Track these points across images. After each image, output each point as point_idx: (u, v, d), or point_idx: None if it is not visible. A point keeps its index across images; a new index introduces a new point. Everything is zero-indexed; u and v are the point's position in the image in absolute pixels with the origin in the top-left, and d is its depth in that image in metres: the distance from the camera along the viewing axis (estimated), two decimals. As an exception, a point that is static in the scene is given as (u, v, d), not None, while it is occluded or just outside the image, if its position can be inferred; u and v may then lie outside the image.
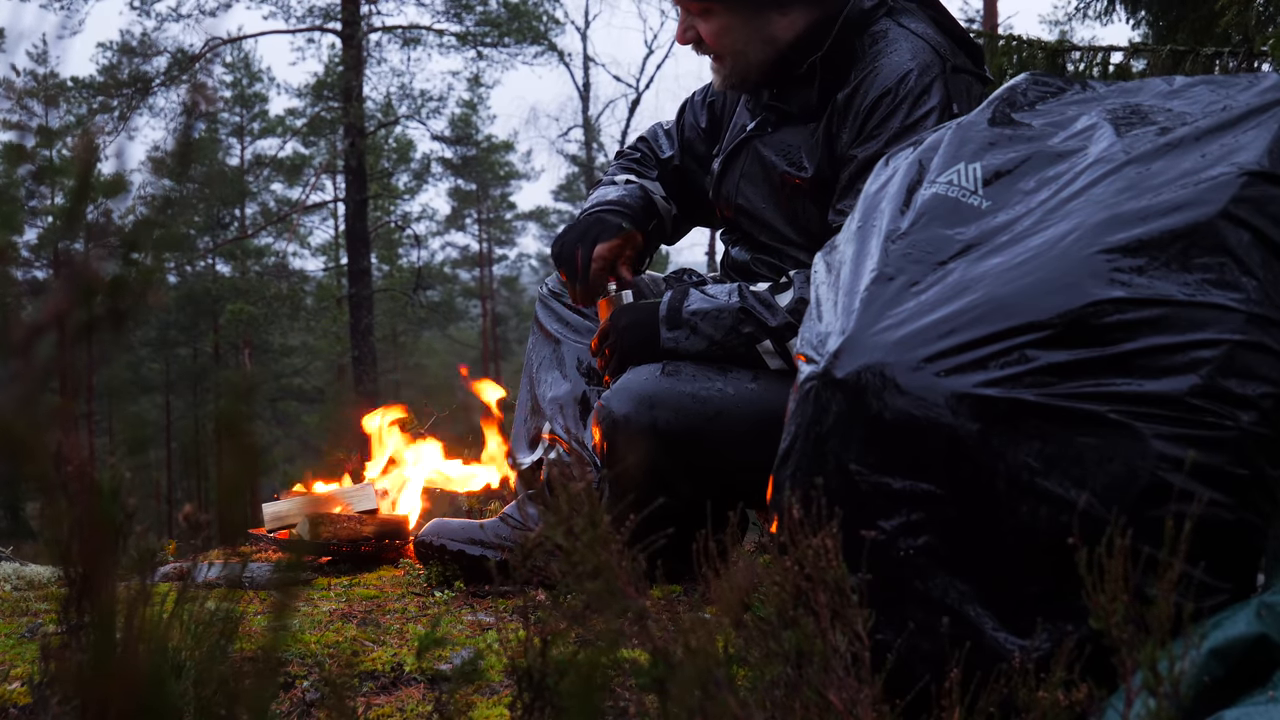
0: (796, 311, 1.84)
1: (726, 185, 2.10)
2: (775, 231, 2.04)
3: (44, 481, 0.55)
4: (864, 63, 1.90)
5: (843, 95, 1.90)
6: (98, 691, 0.55)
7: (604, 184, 2.25)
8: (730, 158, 2.09)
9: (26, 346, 0.53)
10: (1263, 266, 1.12)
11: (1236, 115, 1.22)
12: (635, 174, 2.25)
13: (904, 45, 1.88)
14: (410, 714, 1.45)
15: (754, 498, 1.40)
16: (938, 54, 1.88)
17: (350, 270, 16.27)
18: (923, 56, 1.86)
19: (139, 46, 17.24)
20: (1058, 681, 0.85)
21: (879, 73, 1.87)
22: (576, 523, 0.79)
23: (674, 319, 1.92)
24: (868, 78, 1.88)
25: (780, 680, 0.87)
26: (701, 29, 1.96)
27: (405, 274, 22.67)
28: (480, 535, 2.09)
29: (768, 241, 2.06)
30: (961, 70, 1.90)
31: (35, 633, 1.79)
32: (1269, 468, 1.09)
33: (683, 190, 2.27)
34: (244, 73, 23.03)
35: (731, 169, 2.09)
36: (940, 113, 1.82)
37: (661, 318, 1.93)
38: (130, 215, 0.58)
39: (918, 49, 1.87)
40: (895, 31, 1.91)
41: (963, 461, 1.11)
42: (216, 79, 21.62)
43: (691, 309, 1.91)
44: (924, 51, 1.87)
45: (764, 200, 2.04)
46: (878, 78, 1.87)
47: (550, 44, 19.35)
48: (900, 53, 1.87)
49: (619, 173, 2.27)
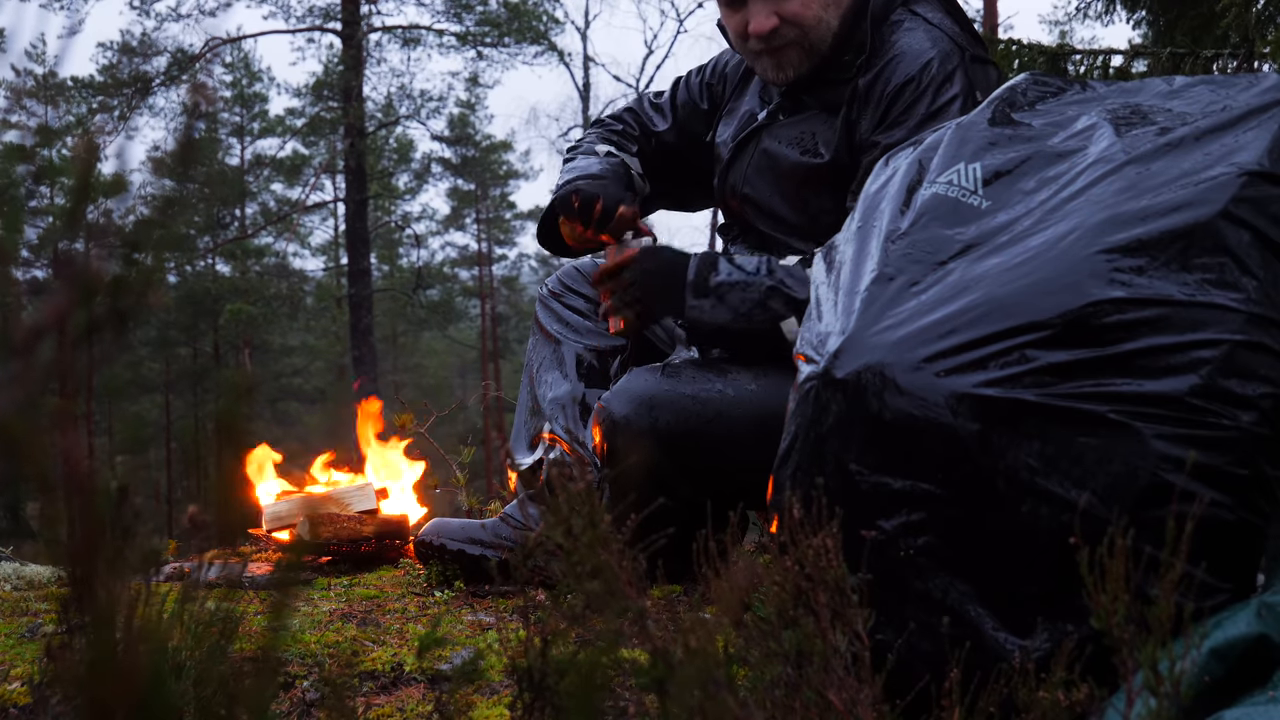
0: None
1: (734, 174, 2.10)
2: (782, 222, 2.04)
3: (44, 481, 0.55)
4: (885, 50, 1.92)
5: (864, 81, 1.91)
6: (98, 691, 0.55)
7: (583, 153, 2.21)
8: (740, 146, 2.10)
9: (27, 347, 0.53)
10: (1263, 266, 1.12)
11: (1236, 115, 1.22)
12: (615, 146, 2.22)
13: (922, 34, 1.91)
14: (410, 714, 1.45)
15: (754, 498, 1.40)
16: (956, 43, 1.90)
17: (350, 270, 16.28)
18: (942, 45, 1.89)
19: (139, 46, 17.25)
20: (1058, 681, 0.85)
21: (901, 60, 1.89)
22: (576, 523, 0.79)
23: (701, 287, 1.88)
24: (889, 65, 1.90)
25: (780, 680, 0.87)
26: (792, 5, 1.93)
27: (405, 274, 22.69)
28: (480, 535, 2.09)
29: (771, 232, 2.05)
30: (980, 60, 1.92)
31: (35, 633, 1.79)
32: (1269, 468, 1.09)
33: (663, 167, 2.26)
34: (244, 73, 23.01)
35: (741, 158, 2.09)
36: (964, 100, 1.83)
37: (688, 283, 1.88)
38: (131, 215, 0.58)
39: (936, 38, 1.90)
40: (913, 21, 1.93)
41: (963, 461, 1.11)
42: (216, 79, 21.61)
43: (720, 279, 1.88)
44: (943, 40, 1.90)
45: (772, 190, 2.04)
46: (900, 65, 1.88)
47: (550, 44, 19.34)
48: (920, 41, 1.90)
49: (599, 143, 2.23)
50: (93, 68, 22.98)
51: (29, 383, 0.52)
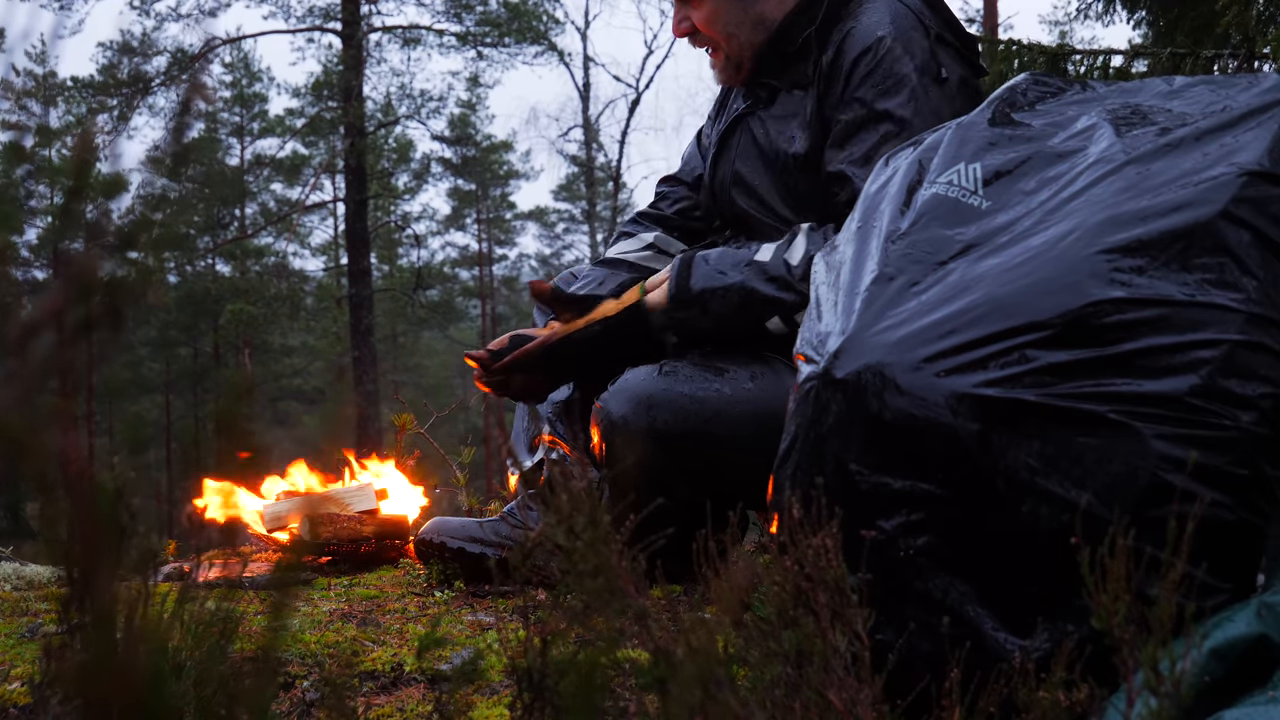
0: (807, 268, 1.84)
1: (723, 165, 2.13)
2: (769, 208, 2.05)
3: (44, 481, 0.55)
4: (844, 26, 1.94)
5: (826, 59, 1.93)
6: (98, 691, 0.55)
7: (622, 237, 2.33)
8: (725, 136, 2.12)
9: (25, 346, 0.53)
10: (1263, 266, 1.12)
11: (1236, 115, 1.22)
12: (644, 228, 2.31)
13: (882, 7, 1.93)
14: (410, 714, 1.45)
15: (753, 498, 1.40)
16: (919, 19, 1.92)
17: (350, 270, 16.27)
18: (902, 20, 1.90)
19: (138, 46, 17.24)
20: (1058, 681, 0.85)
21: (856, 33, 1.91)
22: (577, 522, 0.79)
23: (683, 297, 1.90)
24: (846, 38, 1.92)
25: (780, 680, 0.87)
26: (695, 17, 2.01)
27: (405, 274, 22.67)
28: (480, 533, 2.09)
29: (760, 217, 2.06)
30: (945, 42, 1.92)
31: (35, 633, 1.79)
32: (1269, 468, 1.09)
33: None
34: (244, 73, 23.01)
35: (727, 148, 2.12)
36: (920, 73, 1.84)
37: (670, 296, 1.90)
38: (129, 215, 0.57)
39: (897, 13, 1.92)
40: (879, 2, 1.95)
41: (963, 461, 1.11)
42: (216, 79, 21.60)
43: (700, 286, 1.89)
44: (903, 16, 1.91)
45: (759, 176, 2.06)
46: (857, 38, 1.90)
47: (550, 44, 19.34)
48: (878, 13, 1.92)
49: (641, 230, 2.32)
50: (92, 67, 22.99)
51: (28, 382, 0.52)
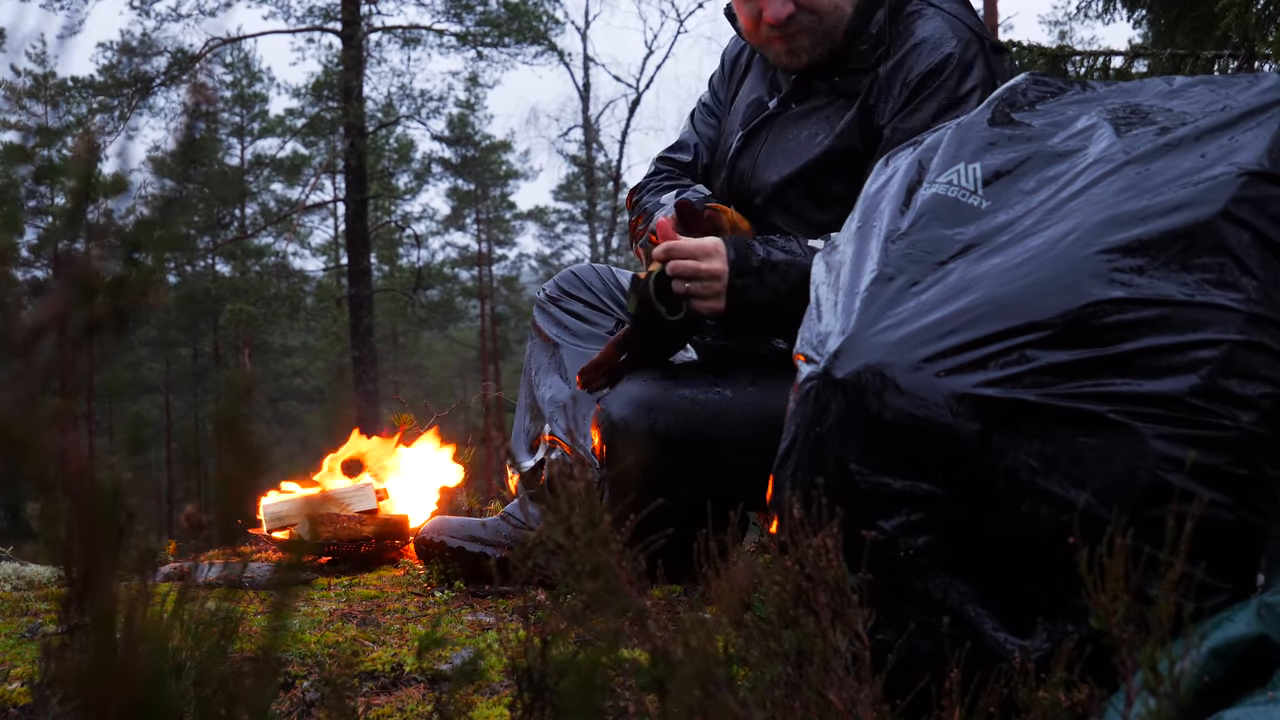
0: None
1: (744, 162, 2.10)
2: (795, 210, 2.03)
3: (44, 481, 0.55)
4: (904, 39, 1.94)
5: (885, 69, 1.93)
6: (98, 691, 0.55)
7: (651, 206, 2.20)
8: (750, 135, 2.10)
9: (27, 347, 0.53)
10: (1263, 266, 1.12)
11: (1236, 115, 1.22)
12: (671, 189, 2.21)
13: (942, 22, 1.93)
14: (410, 714, 1.45)
15: (753, 499, 1.40)
16: (974, 32, 1.93)
17: (350, 270, 16.25)
18: (962, 34, 1.92)
19: (139, 46, 17.24)
20: (1058, 681, 0.85)
21: (923, 48, 1.91)
22: (576, 522, 0.79)
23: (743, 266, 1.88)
24: (911, 52, 1.92)
25: (780, 680, 0.87)
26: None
27: (405, 274, 22.65)
28: (480, 533, 2.09)
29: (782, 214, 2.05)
30: (998, 48, 1.95)
31: (35, 633, 1.79)
32: (1269, 468, 1.09)
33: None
34: (244, 73, 23.00)
35: (751, 146, 2.10)
36: (983, 90, 1.85)
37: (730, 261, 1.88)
38: (131, 215, 0.58)
39: (956, 27, 1.93)
40: (930, 10, 1.96)
41: (963, 461, 1.11)
42: (217, 79, 21.61)
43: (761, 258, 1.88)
44: (962, 29, 1.93)
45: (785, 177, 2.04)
46: (923, 53, 1.91)
47: (550, 44, 19.32)
48: (941, 29, 1.92)
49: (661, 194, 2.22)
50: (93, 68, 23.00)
51: (29, 382, 0.52)
